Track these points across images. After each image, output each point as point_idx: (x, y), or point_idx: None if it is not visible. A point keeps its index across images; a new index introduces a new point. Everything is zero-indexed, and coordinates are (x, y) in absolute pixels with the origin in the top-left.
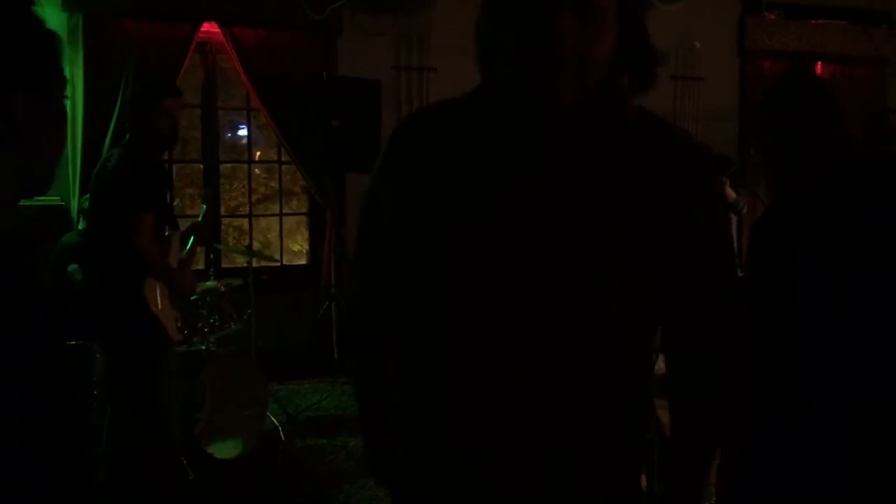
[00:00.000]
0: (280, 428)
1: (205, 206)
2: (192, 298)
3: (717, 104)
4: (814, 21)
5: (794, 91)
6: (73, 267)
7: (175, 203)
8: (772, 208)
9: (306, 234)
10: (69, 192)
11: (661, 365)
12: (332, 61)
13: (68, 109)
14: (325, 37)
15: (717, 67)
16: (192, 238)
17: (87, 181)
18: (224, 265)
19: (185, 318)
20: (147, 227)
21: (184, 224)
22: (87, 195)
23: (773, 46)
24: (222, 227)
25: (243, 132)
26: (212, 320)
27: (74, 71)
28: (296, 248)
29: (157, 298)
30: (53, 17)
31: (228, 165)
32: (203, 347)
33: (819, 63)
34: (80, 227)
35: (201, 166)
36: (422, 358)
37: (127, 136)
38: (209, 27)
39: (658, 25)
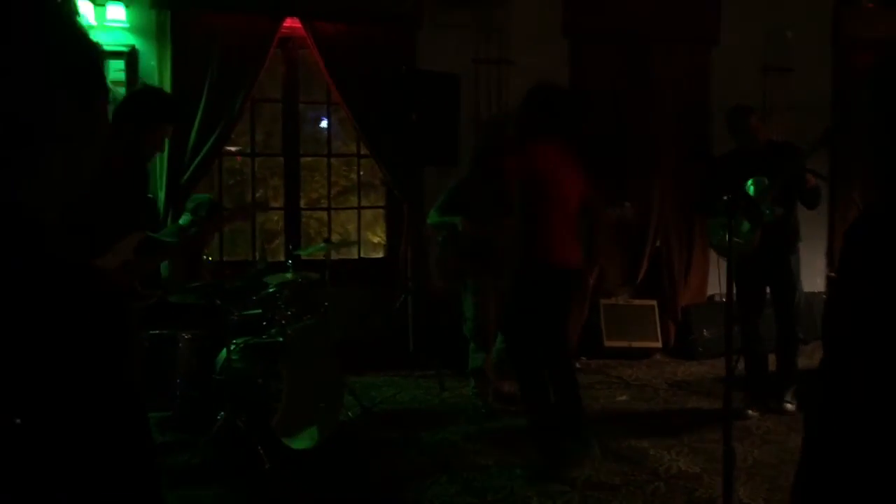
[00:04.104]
0: (355, 420)
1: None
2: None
3: (809, 96)
4: None
5: None
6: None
7: (258, 193)
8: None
9: (384, 227)
10: (157, 185)
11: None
12: (411, 55)
13: None
14: (404, 30)
15: (809, 58)
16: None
17: (174, 174)
18: (303, 257)
19: (264, 310)
20: None
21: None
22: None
23: (871, 36)
24: (302, 219)
25: (323, 125)
26: (289, 312)
27: (163, 66)
28: (375, 240)
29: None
30: (142, 15)
31: (309, 158)
32: (280, 339)
33: None
34: (182, 221)
35: (282, 159)
36: None
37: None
38: (291, 22)
39: (747, 14)
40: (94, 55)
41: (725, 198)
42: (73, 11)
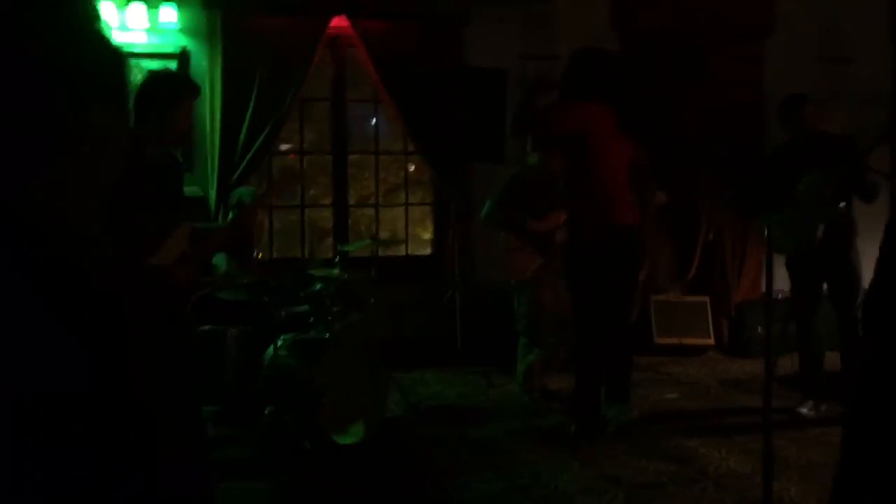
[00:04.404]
0: (401, 416)
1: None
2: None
3: (868, 87)
4: None
5: None
6: (217, 258)
7: (310, 192)
8: None
9: (433, 223)
10: (208, 183)
11: None
12: (458, 51)
13: (207, 105)
14: (452, 27)
15: (868, 48)
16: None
17: (225, 173)
18: (351, 254)
19: (311, 306)
20: None
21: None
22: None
23: None
24: (352, 217)
25: (372, 123)
26: (336, 308)
27: (213, 66)
28: (426, 236)
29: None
30: (193, 17)
31: (356, 156)
32: (326, 335)
33: None
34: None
35: (331, 157)
36: None
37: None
38: (339, 21)
39: (803, 3)
40: (113, 54)
41: (776, 195)
42: (93, 11)
